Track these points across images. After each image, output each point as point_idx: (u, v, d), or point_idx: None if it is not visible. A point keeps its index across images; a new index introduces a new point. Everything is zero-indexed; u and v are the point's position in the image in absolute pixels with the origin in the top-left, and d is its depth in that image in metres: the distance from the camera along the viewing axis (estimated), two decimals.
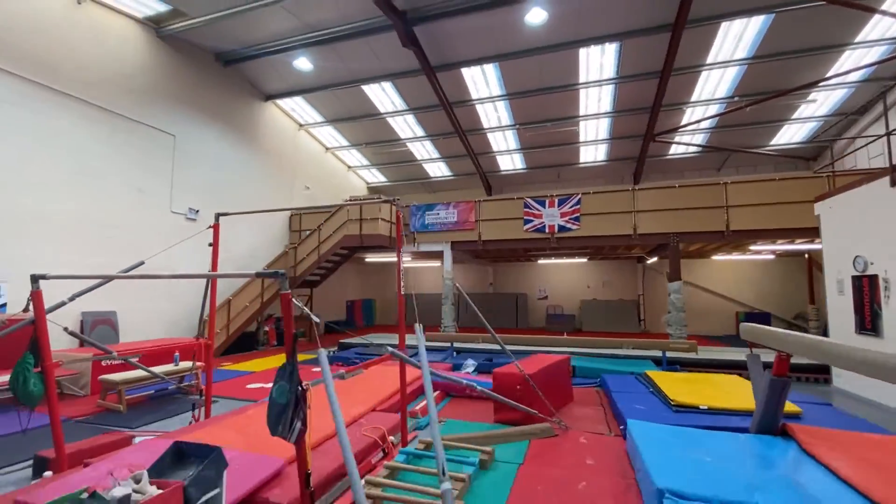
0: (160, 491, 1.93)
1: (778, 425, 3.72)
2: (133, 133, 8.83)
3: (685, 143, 12.72)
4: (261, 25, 9.67)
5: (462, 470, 3.46)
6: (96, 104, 8.12)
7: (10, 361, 3.70)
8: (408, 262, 16.00)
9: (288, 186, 13.50)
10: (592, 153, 14.90)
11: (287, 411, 2.44)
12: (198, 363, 6.17)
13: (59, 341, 6.30)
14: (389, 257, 14.16)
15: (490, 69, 10.99)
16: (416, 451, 3.85)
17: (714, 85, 11.03)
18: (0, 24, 6.78)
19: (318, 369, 8.14)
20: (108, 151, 8.33)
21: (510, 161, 15.76)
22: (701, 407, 4.61)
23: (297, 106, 13.21)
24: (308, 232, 12.12)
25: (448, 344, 9.42)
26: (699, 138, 13.54)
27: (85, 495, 2.04)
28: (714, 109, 11.90)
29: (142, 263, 4.40)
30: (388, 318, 18.39)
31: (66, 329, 4.02)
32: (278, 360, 9.24)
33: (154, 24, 9.35)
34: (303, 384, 2.52)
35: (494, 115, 12.98)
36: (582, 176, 16.16)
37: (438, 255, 12.04)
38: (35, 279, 3.28)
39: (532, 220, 11.02)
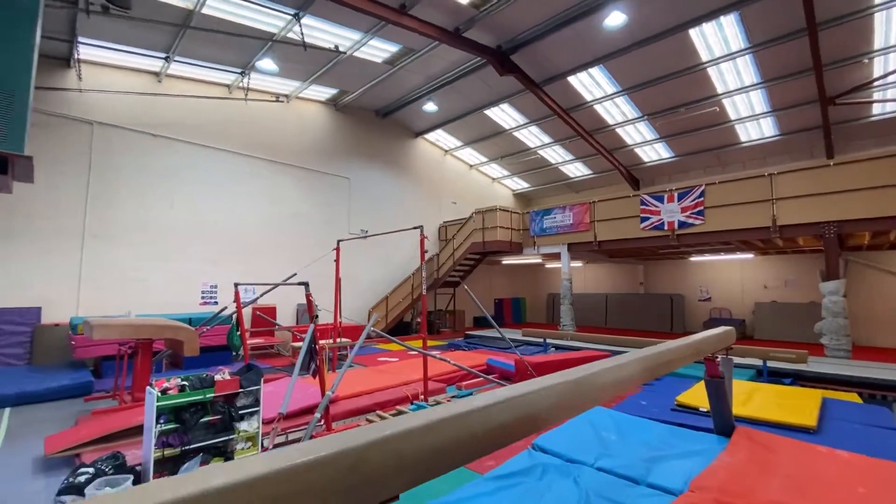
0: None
1: (728, 426, 3.77)
2: (321, 181, 12.80)
3: (879, 101, 9.80)
4: (399, 85, 12.45)
5: None
6: (297, 165, 12.27)
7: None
8: (535, 261, 16.83)
9: (437, 202, 16.26)
10: (756, 129, 12.69)
11: (307, 358, 4.42)
12: (344, 339, 9.01)
13: (285, 319, 10.19)
14: (523, 259, 15.35)
15: (596, 72, 11.13)
16: (420, 403, 5.39)
17: None
18: (242, 126, 11.27)
19: (436, 353, 10.24)
20: (305, 195, 12.41)
21: (653, 151, 14.78)
22: (700, 409, 4.62)
23: (440, 136, 15.83)
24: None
25: (555, 341, 10.16)
26: None
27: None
28: None
29: (294, 275, 7.23)
30: (538, 316, 19.39)
31: (257, 313, 7.09)
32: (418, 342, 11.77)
33: (332, 102, 13.24)
34: (317, 344, 4.47)
35: (617, 111, 12.73)
36: (751, 156, 13.80)
37: (581, 256, 12.62)
38: (236, 285, 6.27)
39: (649, 218, 10.61)
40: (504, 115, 13.74)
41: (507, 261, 16.43)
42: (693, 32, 9.36)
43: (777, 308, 13.23)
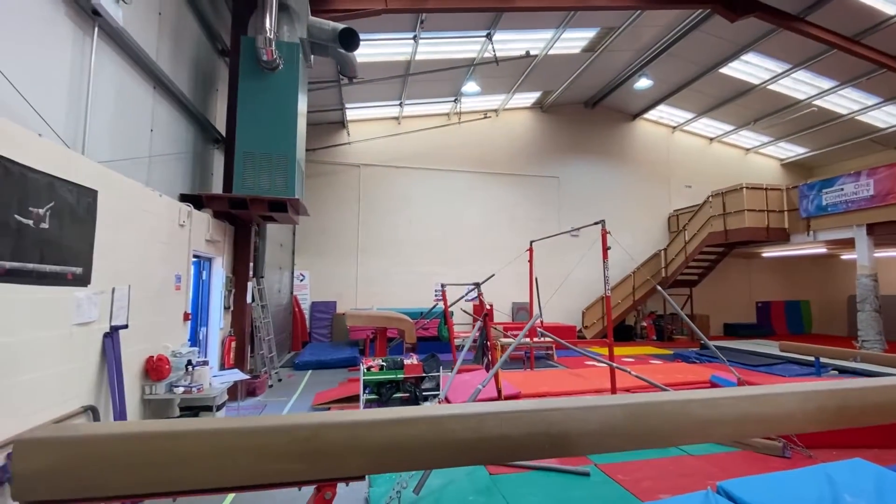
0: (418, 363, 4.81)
1: None
2: (531, 183, 13.18)
3: None
4: (605, 69, 11.61)
5: None
6: (508, 172, 13.01)
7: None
8: (818, 251, 12.39)
9: (664, 189, 14.21)
10: None
11: (480, 353, 4.79)
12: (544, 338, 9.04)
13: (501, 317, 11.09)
14: (796, 250, 11.62)
15: None
16: None
17: None
18: (458, 147, 12.72)
19: (656, 362, 9.06)
20: (518, 199, 13.01)
21: None
22: None
23: (664, 113, 13.78)
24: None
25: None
26: None
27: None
28: None
29: (492, 276, 7.80)
30: (832, 326, 14.20)
31: (463, 310, 7.99)
32: (639, 349, 10.63)
33: (538, 105, 13.47)
34: (488, 342, 4.78)
35: None
36: None
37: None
38: (442, 285, 7.27)
39: None
40: (751, 67, 10.85)
41: (773, 252, 12.80)
42: None
43: None
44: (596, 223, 5.81)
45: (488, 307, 5.17)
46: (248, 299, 6.62)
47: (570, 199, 13.36)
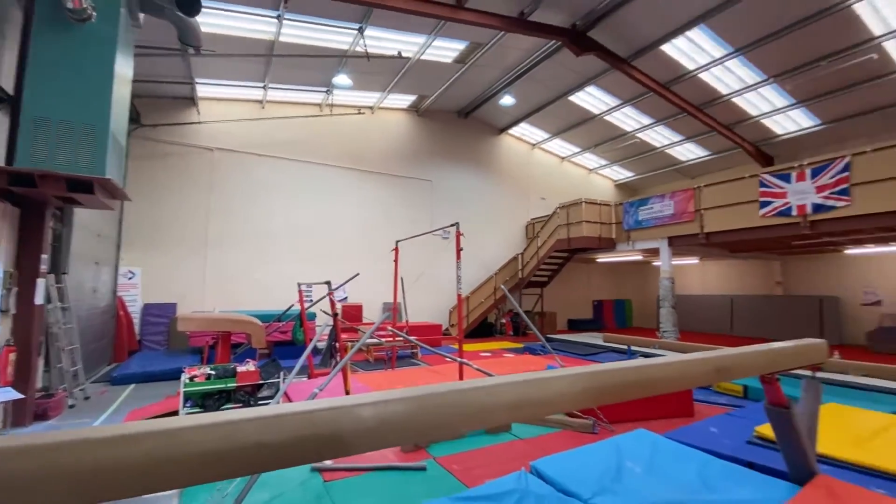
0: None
1: (804, 472, 2.79)
2: (405, 185, 13.29)
3: None
4: (475, 82, 12.29)
5: None
6: (382, 172, 12.92)
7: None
8: (637, 258, 15.01)
9: (524, 199, 15.65)
10: None
11: (328, 355, 4.57)
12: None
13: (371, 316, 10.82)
14: (622, 257, 13.84)
15: (697, 35, 9.48)
16: None
17: None
18: (331, 140, 12.25)
19: (509, 355, 9.84)
20: (390, 200, 13.00)
21: (789, 121, 12.06)
22: None
23: (525, 130, 15.19)
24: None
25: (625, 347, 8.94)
26: None
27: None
28: None
29: (356, 275, 7.59)
30: (648, 321, 17.29)
31: (321, 310, 7.62)
32: (496, 344, 11.46)
33: (414, 108, 13.68)
34: (336, 343, 4.59)
35: (732, 78, 10.68)
36: None
37: (692, 252, 11.05)
38: (298, 284, 6.80)
39: (771, 203, 8.66)
40: (592, 98, 12.58)
41: (605, 258, 15.01)
42: None
43: None
44: (452, 225, 6.01)
45: (341, 307, 4.98)
46: (40, 300, 5.31)
47: (442, 203, 13.82)
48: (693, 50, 9.96)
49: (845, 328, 12.00)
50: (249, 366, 4.14)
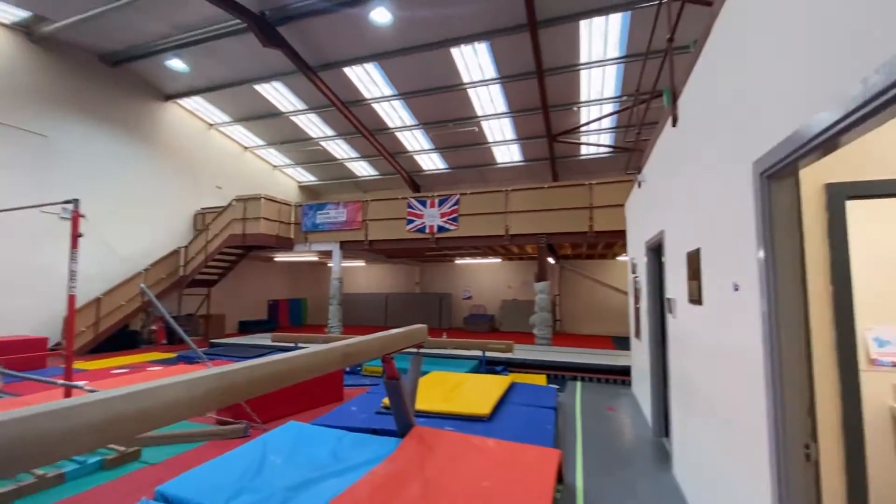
0: None
1: (407, 426, 3.71)
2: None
3: (582, 143, 12.63)
4: (133, 27, 9.77)
5: (63, 466, 3.49)
6: None
7: None
8: (313, 259, 16.10)
9: (196, 184, 13.64)
10: (507, 154, 14.84)
11: None
12: None
13: None
14: (299, 257, 14.25)
15: (372, 69, 11.00)
16: None
17: (599, 84, 10.93)
18: None
19: (156, 368, 8.26)
20: None
21: (431, 161, 15.76)
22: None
23: (201, 106, 13.33)
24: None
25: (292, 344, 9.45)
26: (606, 138, 13.42)
27: None
28: (610, 109, 11.78)
29: None
30: (323, 318, 18.48)
31: None
32: (140, 357, 9.36)
33: (24, 30, 9.51)
34: None
35: (396, 116, 12.98)
36: (504, 176, 16.09)
37: (359, 256, 12.08)
38: None
39: (414, 221, 11.02)
40: (279, 95, 12.41)
41: (283, 258, 15.01)
42: (455, 52, 10.12)
43: (517, 305, 15.74)
44: (68, 202, 4.57)
45: None
46: None
47: (62, 170, 10.14)
48: (369, 82, 11.51)
49: (453, 316, 16.67)
50: None
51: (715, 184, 2.42)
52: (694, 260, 2.87)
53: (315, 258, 14.55)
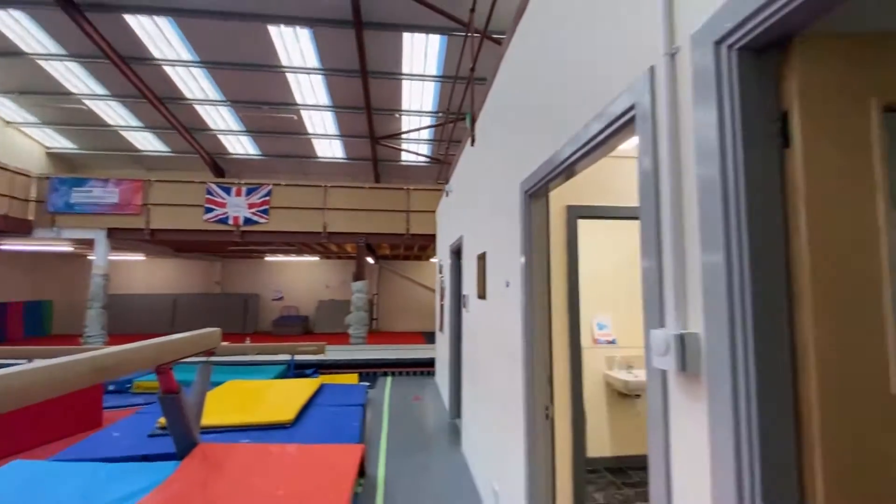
0: None
1: (189, 446, 3.23)
2: None
3: (402, 150, 13.28)
4: None
5: None
6: None
7: None
8: (66, 249, 12.69)
9: None
10: (329, 149, 14.42)
11: None
12: None
13: None
14: (38, 245, 10.81)
15: (166, 26, 9.19)
16: None
17: (419, 96, 11.63)
18: None
19: None
20: None
21: (240, 144, 14.07)
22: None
23: None
24: None
25: None
26: (424, 149, 14.39)
27: None
28: (428, 121, 12.66)
29: None
30: (74, 326, 14.38)
31: None
32: None
33: None
34: None
35: (196, 86, 11.14)
36: (326, 171, 15.57)
37: (135, 248, 9.53)
38: None
39: (214, 210, 9.66)
40: (17, 26, 9.19)
41: (15, 246, 11.13)
42: (273, 30, 9.31)
43: (335, 305, 15.44)
44: None
45: None
46: None
47: None
48: (161, 39, 9.58)
49: (260, 318, 15.23)
50: None
51: (497, 198, 2.87)
52: (482, 261, 3.34)
53: (69, 248, 11.26)
